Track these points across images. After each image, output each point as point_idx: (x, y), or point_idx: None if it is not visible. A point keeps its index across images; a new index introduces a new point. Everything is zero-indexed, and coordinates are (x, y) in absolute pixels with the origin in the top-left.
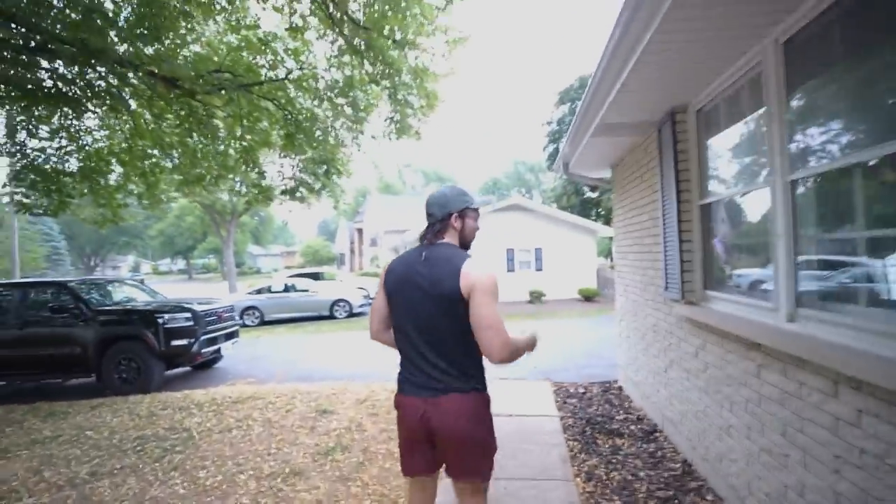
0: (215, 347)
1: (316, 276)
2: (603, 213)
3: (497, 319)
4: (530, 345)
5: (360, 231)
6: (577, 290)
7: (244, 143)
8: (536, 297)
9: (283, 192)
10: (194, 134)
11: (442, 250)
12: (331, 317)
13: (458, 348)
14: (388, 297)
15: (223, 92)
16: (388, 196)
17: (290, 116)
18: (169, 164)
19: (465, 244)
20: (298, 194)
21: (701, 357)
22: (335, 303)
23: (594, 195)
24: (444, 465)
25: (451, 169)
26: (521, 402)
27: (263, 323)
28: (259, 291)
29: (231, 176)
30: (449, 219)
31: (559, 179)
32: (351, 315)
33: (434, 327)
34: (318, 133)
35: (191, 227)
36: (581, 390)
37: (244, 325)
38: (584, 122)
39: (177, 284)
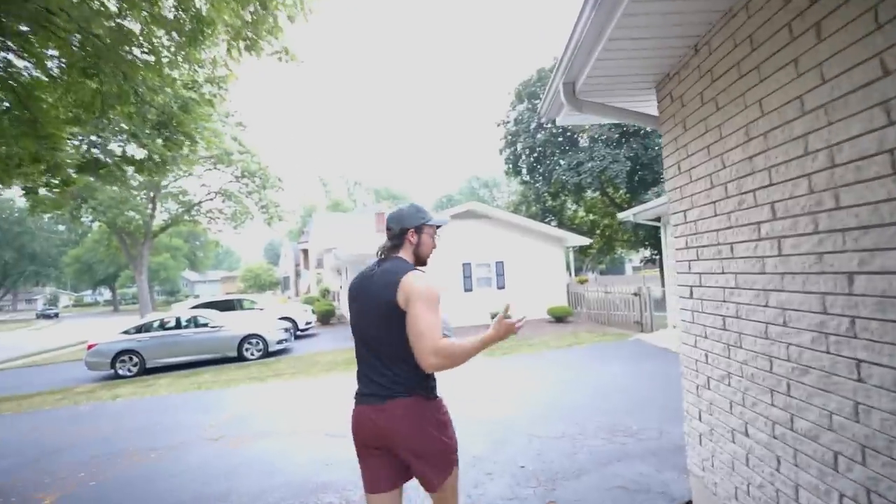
0: None
1: (230, 306)
2: (566, 222)
3: (429, 326)
4: (498, 334)
5: (305, 252)
6: (547, 308)
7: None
8: None
9: (81, 170)
10: None
11: (391, 264)
12: (240, 358)
13: (399, 358)
14: (349, 310)
15: None
16: (335, 214)
17: (89, 45)
18: None
19: (420, 260)
20: (117, 172)
21: None
22: (245, 339)
23: (554, 203)
24: (407, 480)
25: (403, 186)
26: None
27: (145, 371)
28: (140, 329)
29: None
30: (405, 234)
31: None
32: (267, 355)
33: (378, 338)
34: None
35: (111, 252)
36: None
37: (117, 376)
38: None
39: (97, 318)
